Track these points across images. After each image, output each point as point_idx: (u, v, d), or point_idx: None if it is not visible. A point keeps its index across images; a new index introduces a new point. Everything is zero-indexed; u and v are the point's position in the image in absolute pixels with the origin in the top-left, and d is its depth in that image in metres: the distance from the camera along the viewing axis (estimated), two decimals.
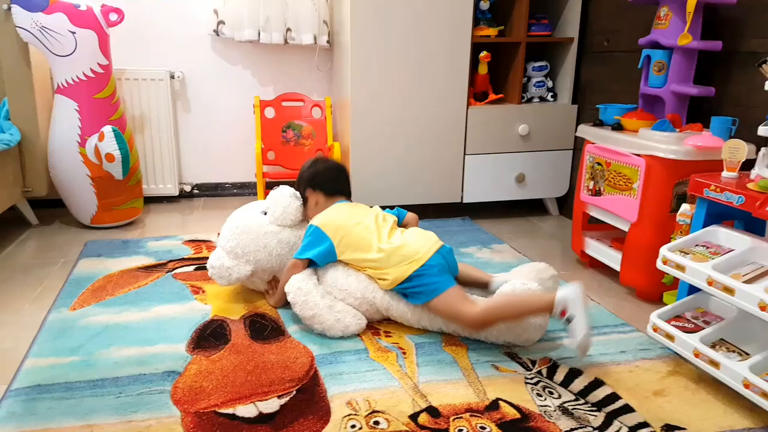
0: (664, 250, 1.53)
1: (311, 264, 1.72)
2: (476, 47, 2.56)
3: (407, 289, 1.63)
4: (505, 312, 1.56)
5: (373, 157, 2.56)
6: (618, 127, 2.04)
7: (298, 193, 1.89)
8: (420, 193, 2.66)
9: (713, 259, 1.46)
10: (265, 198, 1.97)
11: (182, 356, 1.51)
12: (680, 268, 1.48)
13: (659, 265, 1.54)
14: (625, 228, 1.95)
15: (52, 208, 2.68)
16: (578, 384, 1.45)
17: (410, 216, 1.90)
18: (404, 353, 1.56)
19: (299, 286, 1.65)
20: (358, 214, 1.77)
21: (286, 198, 1.87)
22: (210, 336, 1.62)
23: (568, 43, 2.67)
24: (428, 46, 2.48)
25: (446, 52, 2.51)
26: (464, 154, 2.64)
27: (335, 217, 1.75)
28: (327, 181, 1.86)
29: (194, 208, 2.92)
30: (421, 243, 1.67)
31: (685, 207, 1.71)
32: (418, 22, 2.45)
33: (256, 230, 1.81)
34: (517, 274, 1.73)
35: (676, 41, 1.92)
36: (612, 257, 2.06)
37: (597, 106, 2.19)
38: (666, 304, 1.69)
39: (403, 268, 1.61)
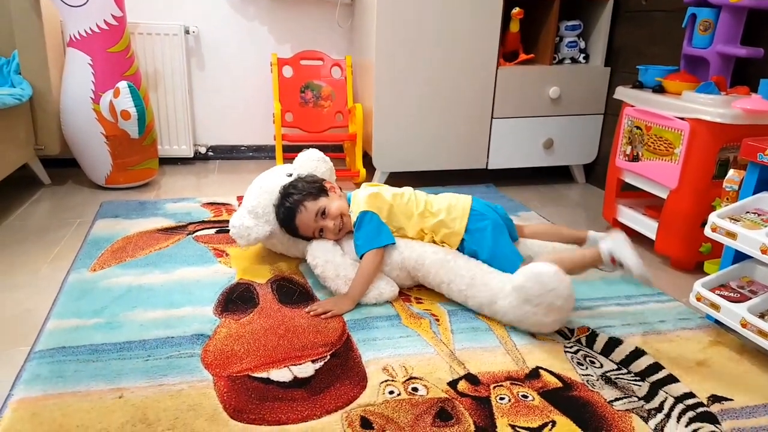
0: (713, 217, 1.46)
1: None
2: (508, 3, 2.45)
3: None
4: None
5: (396, 120, 2.47)
6: (660, 89, 1.95)
7: (327, 157, 1.84)
8: (444, 159, 2.58)
9: (766, 226, 1.40)
10: (283, 163, 1.92)
11: (210, 319, 1.46)
12: (731, 235, 1.42)
13: (707, 232, 1.48)
14: (663, 195, 1.88)
15: (64, 167, 2.61)
16: (619, 353, 1.41)
17: None
18: (437, 320, 1.52)
19: (319, 249, 1.64)
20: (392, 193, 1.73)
21: (313, 162, 1.84)
22: (237, 299, 1.57)
23: (603, 1, 2.55)
24: (458, 1, 2.37)
25: (477, 8, 2.39)
26: (491, 117, 2.55)
27: (377, 202, 1.67)
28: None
29: (209, 170, 2.85)
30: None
31: (732, 173, 1.63)
32: None
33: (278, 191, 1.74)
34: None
35: None
36: (646, 225, 2.00)
37: (637, 67, 2.09)
38: (706, 274, 1.63)
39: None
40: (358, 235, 1.62)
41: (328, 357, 1.33)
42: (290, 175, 1.79)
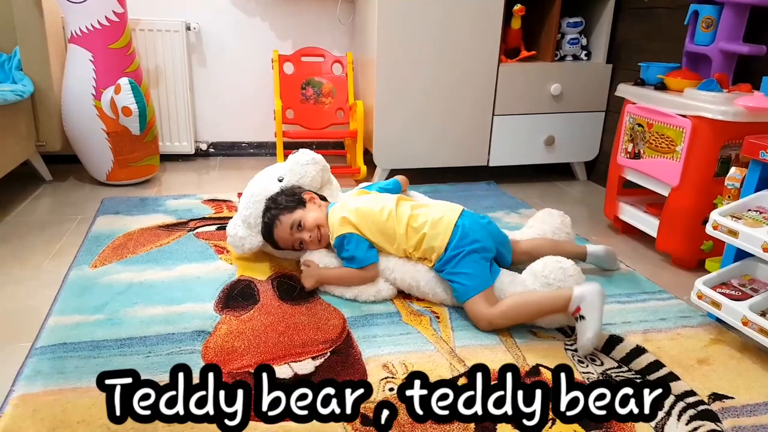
0: (715, 215, 1.46)
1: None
2: (509, 0, 2.44)
3: (448, 271, 1.53)
4: (519, 317, 1.46)
5: (397, 117, 2.47)
6: (661, 86, 1.94)
7: (318, 157, 1.80)
8: (445, 156, 2.57)
9: None
10: (284, 160, 1.89)
11: (211, 316, 1.47)
12: (732, 233, 1.42)
13: (709, 230, 1.48)
14: (665, 192, 1.88)
15: (66, 163, 2.61)
16: (620, 351, 1.40)
17: (402, 179, 1.87)
18: (438, 317, 1.51)
19: (313, 256, 1.65)
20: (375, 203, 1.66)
21: (302, 166, 1.77)
22: (238, 296, 1.57)
23: None
24: None
25: (478, 4, 2.38)
26: (493, 114, 2.54)
27: (360, 220, 1.62)
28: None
29: (210, 167, 2.85)
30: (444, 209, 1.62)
31: (733, 170, 1.63)
32: None
33: None
34: (534, 220, 1.85)
35: None
36: (648, 223, 1.99)
37: (639, 64, 2.08)
38: (708, 271, 1.63)
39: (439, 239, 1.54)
40: (343, 257, 1.61)
41: (328, 354, 1.33)
42: (281, 179, 1.76)
